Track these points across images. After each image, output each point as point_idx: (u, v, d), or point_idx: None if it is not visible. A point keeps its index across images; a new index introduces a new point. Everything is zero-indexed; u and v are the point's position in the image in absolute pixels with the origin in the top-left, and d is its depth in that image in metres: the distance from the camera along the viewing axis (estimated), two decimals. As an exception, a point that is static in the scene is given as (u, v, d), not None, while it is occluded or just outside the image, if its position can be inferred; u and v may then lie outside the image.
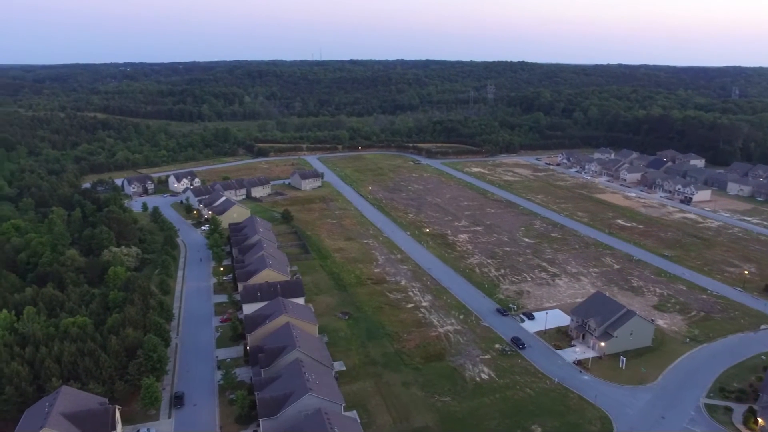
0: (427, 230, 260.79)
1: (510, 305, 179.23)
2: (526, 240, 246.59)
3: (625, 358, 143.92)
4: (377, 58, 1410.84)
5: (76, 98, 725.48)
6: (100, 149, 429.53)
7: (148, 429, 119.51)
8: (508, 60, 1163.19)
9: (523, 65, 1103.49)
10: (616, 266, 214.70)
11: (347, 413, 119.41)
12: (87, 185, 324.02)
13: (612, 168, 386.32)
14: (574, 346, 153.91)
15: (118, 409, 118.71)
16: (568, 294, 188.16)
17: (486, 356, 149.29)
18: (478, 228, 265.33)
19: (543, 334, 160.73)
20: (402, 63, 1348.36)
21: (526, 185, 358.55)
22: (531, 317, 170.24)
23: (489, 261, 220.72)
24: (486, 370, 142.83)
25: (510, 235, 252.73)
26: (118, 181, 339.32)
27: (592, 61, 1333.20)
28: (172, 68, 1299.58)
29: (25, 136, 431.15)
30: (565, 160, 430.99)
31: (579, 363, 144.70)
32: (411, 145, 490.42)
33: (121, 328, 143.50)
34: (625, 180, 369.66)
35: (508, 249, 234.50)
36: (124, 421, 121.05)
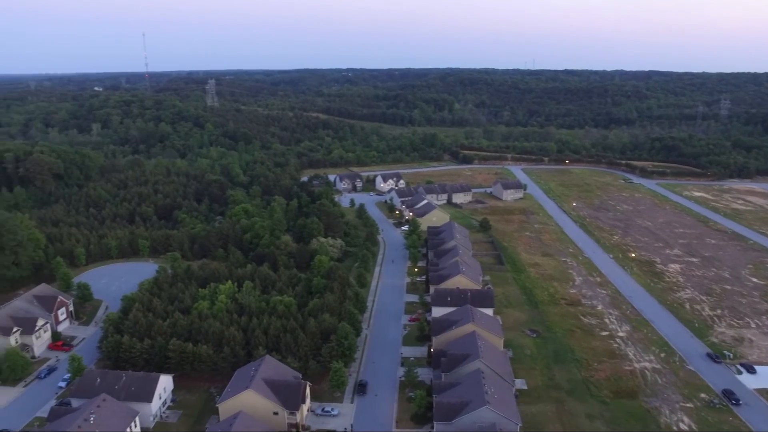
0: (633, 255, 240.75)
1: (725, 352, 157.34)
2: (754, 280, 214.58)
3: None
4: (593, 68, 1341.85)
5: (303, 100, 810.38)
6: (319, 147, 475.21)
7: (332, 409, 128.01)
8: (750, 71, 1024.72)
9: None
10: None
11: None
12: (304, 179, 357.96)
13: None
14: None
15: (309, 385, 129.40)
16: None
17: (688, 404, 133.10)
18: (694, 259, 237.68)
19: (766, 393, 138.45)
20: (621, 74, 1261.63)
21: (761, 216, 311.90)
22: (752, 370, 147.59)
23: (703, 297, 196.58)
24: (686, 420, 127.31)
25: (733, 272, 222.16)
26: (331, 177, 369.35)
27: None
28: (389, 74, 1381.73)
29: (260, 132, 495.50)
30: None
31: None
32: (624, 162, 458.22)
33: (319, 312, 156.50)
34: None
35: (728, 287, 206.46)
36: (313, 398, 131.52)
